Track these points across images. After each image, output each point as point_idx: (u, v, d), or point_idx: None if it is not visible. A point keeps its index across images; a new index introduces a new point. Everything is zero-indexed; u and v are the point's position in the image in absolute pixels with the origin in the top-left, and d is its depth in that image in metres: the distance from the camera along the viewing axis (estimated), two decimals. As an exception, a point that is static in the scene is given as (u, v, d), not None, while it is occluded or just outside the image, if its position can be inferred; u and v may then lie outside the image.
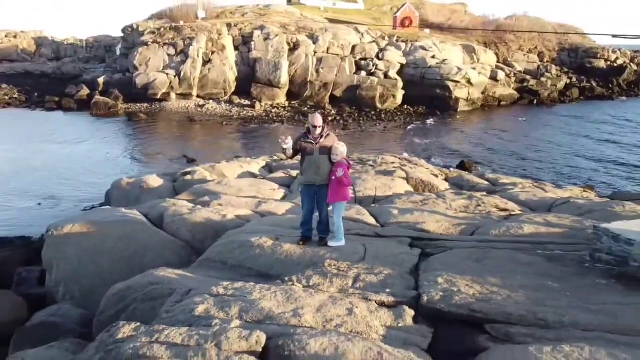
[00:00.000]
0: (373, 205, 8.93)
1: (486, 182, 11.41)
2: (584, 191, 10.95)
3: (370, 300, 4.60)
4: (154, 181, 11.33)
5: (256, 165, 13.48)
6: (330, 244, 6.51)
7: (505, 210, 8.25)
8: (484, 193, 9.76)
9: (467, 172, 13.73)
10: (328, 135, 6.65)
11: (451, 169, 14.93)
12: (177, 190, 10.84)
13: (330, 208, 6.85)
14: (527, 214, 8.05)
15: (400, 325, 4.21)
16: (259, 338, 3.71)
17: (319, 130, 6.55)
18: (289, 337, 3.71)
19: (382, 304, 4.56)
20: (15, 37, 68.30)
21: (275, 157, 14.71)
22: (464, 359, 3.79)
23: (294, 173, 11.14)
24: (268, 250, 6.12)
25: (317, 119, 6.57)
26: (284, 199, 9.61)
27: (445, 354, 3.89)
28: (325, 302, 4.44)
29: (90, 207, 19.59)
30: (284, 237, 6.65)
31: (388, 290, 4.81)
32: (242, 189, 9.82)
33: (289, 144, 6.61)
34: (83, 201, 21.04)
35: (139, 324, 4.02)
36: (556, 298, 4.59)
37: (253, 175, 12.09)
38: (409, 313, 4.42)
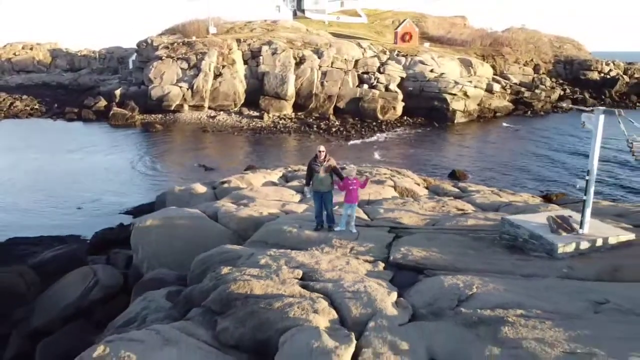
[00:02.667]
0: (367, 205, 12.24)
1: (457, 190, 14.71)
2: (532, 197, 14.23)
3: (359, 258, 7.89)
4: (200, 188, 14.75)
5: (275, 175, 16.93)
6: (335, 229, 9.84)
7: (461, 210, 11.50)
8: (452, 198, 13.04)
9: (444, 181, 17.03)
10: (329, 159, 10.02)
11: (435, 179, 18.21)
12: (217, 195, 14.21)
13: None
14: (477, 212, 11.33)
15: (375, 270, 7.48)
16: (299, 272, 7.02)
17: (322, 157, 9.92)
18: (314, 272, 7.05)
19: (366, 261, 7.85)
20: (31, 48, 72.29)
21: (290, 169, 18.17)
22: (409, 287, 7.08)
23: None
24: (295, 234, 9.42)
25: (321, 151, 9.97)
26: (300, 201, 13.01)
27: (399, 284, 7.15)
28: (333, 259, 7.73)
29: (124, 211, 23.03)
30: (303, 226, 9.94)
31: (370, 254, 8.13)
32: (268, 194, 13.20)
33: (308, 194, 10.40)
34: (116, 205, 24.42)
35: (231, 267, 7.34)
36: (469, 258, 7.87)
37: (274, 184, 15.53)
38: (381, 265, 7.70)
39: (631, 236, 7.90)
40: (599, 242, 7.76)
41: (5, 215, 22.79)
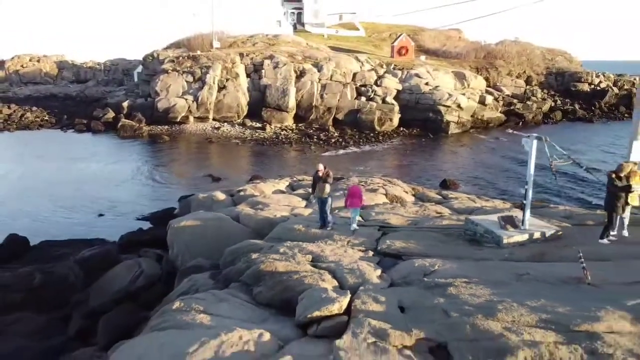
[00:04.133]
0: (361, 210, 14.82)
1: (439, 197, 17.36)
2: (503, 202, 16.85)
3: (354, 248, 10.50)
4: (220, 196, 17.38)
5: (283, 184, 19.62)
6: (351, 228, 12.38)
7: (440, 213, 14.08)
8: (433, 203, 15.67)
9: (430, 189, 19.65)
10: (327, 173, 12.66)
11: (424, 187, 20.83)
12: (235, 201, 16.81)
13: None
14: (452, 215, 13.91)
15: (366, 256, 10.06)
16: (309, 257, 9.62)
17: (322, 172, 12.56)
18: (321, 256, 9.67)
19: (359, 250, 10.47)
20: (38, 60, 75.18)
21: (295, 179, 20.87)
22: (391, 267, 9.68)
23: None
24: (303, 231, 12.01)
25: (320, 167, 12.61)
26: (306, 206, 15.62)
27: (384, 266, 9.74)
28: (334, 248, 10.32)
29: (142, 217, 25.55)
30: (310, 226, 12.56)
31: (363, 245, 10.75)
32: (279, 200, 15.83)
33: (313, 200, 12.93)
34: (132, 212, 26.97)
35: (258, 253, 9.94)
36: (437, 248, 10.46)
37: (282, 192, 18.19)
38: (371, 253, 10.29)
39: (559, 231, 10.54)
40: (536, 235, 10.40)
41: (33, 221, 25.30)
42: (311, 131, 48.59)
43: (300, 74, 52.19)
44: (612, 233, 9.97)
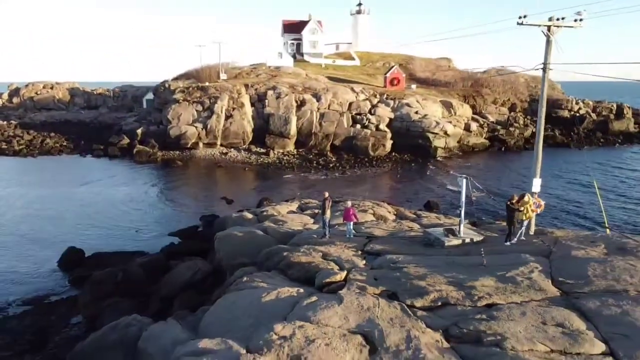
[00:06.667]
0: (354, 225, 20.84)
1: (413, 216, 23.37)
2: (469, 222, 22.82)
3: (349, 249, 16.44)
4: (248, 215, 23.40)
5: (294, 206, 25.77)
6: (346, 236, 18.32)
7: (411, 227, 20.01)
8: (408, 221, 21.66)
9: (410, 210, 25.68)
10: (330, 200, 18.64)
11: (405, 208, 26.90)
12: (259, 219, 22.77)
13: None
14: (419, 229, 19.84)
15: (357, 254, 16.03)
16: (320, 254, 15.58)
17: (326, 199, 18.55)
18: (328, 254, 15.61)
19: (352, 250, 16.42)
20: (52, 88, 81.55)
21: (303, 202, 27.03)
22: (373, 260, 15.61)
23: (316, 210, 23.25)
24: (314, 239, 17.99)
25: (325, 194, 18.60)
26: (314, 223, 21.62)
27: (367, 260, 15.65)
28: (336, 249, 16.20)
29: (169, 233, 31.22)
30: (317, 236, 18.54)
31: (355, 248, 16.72)
32: (294, 218, 21.84)
33: (320, 219, 19.02)
34: (160, 228, 32.78)
35: (287, 252, 15.88)
36: (403, 248, 16.42)
37: (294, 212, 24.26)
38: (359, 252, 16.21)
39: (483, 237, 16.58)
40: (467, 240, 16.41)
41: (80, 237, 31.00)
42: (311, 156, 54.74)
43: (301, 104, 58.59)
44: (514, 240, 15.94)
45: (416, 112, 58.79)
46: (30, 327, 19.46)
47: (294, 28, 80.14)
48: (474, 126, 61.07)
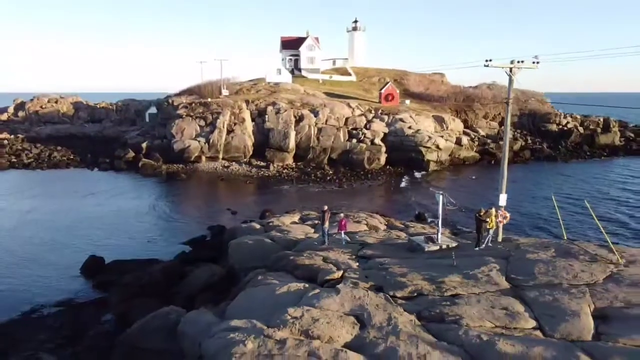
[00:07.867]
0: (349, 234, 24.14)
1: (402, 226, 26.72)
2: (446, 230, 26.13)
3: (345, 254, 19.71)
4: (256, 225, 26.72)
5: (296, 217, 29.10)
6: (342, 243, 21.61)
7: (398, 236, 23.30)
8: (397, 230, 24.98)
9: (400, 221, 29.01)
10: (328, 212, 21.95)
11: (396, 219, 30.27)
12: (265, 229, 26.06)
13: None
14: (406, 237, 23.15)
15: (352, 257, 19.31)
16: (321, 257, 18.88)
17: (325, 211, 21.86)
18: (327, 257, 18.89)
19: (348, 255, 19.69)
20: (56, 101, 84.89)
21: (304, 213, 30.38)
22: (365, 262, 18.91)
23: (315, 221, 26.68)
24: (315, 246, 21.24)
25: (325, 207, 21.93)
26: (314, 232, 24.94)
27: (360, 263, 18.91)
28: (334, 254, 19.36)
29: (180, 242, 34.40)
30: (318, 243, 21.81)
31: (350, 253, 20.00)
32: (297, 228, 25.14)
33: (319, 229, 22.40)
34: (170, 238, 35.93)
35: (293, 256, 19.15)
36: (390, 253, 19.70)
37: (296, 222, 27.58)
38: (354, 256, 19.51)
39: (458, 244, 19.94)
40: (444, 246, 19.76)
41: (98, 246, 34.07)
42: (309, 169, 58.08)
43: (299, 119, 62.04)
44: (482, 246, 19.28)
45: (409, 127, 62.28)
46: (66, 324, 22.62)
47: (292, 44, 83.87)
48: (465, 140, 64.61)
